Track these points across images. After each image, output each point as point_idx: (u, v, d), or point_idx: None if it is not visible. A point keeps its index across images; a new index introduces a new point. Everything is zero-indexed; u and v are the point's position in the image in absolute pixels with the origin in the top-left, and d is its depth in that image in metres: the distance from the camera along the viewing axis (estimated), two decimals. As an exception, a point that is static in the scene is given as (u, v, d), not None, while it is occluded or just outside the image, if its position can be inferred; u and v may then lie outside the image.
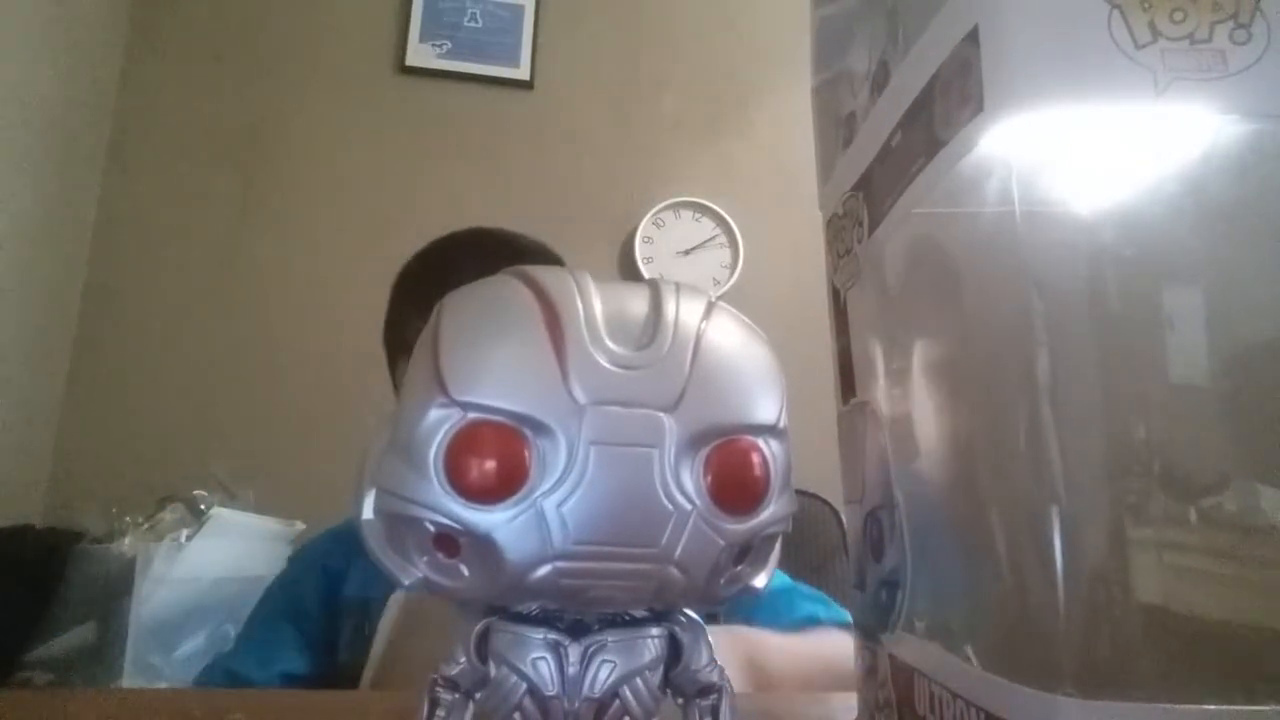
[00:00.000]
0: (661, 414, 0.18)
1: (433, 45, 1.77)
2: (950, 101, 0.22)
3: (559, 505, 0.17)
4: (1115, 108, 0.20)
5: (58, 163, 1.51)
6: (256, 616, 0.76)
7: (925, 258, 0.25)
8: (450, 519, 0.17)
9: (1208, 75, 0.19)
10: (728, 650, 0.21)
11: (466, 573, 0.18)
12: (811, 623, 0.67)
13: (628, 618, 0.20)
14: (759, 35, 1.83)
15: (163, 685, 1.04)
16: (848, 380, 0.31)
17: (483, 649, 0.20)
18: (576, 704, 0.19)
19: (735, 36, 1.86)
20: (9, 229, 1.37)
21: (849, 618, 0.68)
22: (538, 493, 0.17)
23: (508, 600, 0.20)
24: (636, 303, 0.19)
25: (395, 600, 0.58)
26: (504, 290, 0.19)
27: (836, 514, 0.97)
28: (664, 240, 1.74)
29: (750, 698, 0.52)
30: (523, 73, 1.78)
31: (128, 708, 0.39)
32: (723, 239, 1.75)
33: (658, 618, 0.20)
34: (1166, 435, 0.19)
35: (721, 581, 0.19)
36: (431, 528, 0.18)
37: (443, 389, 0.17)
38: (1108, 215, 0.20)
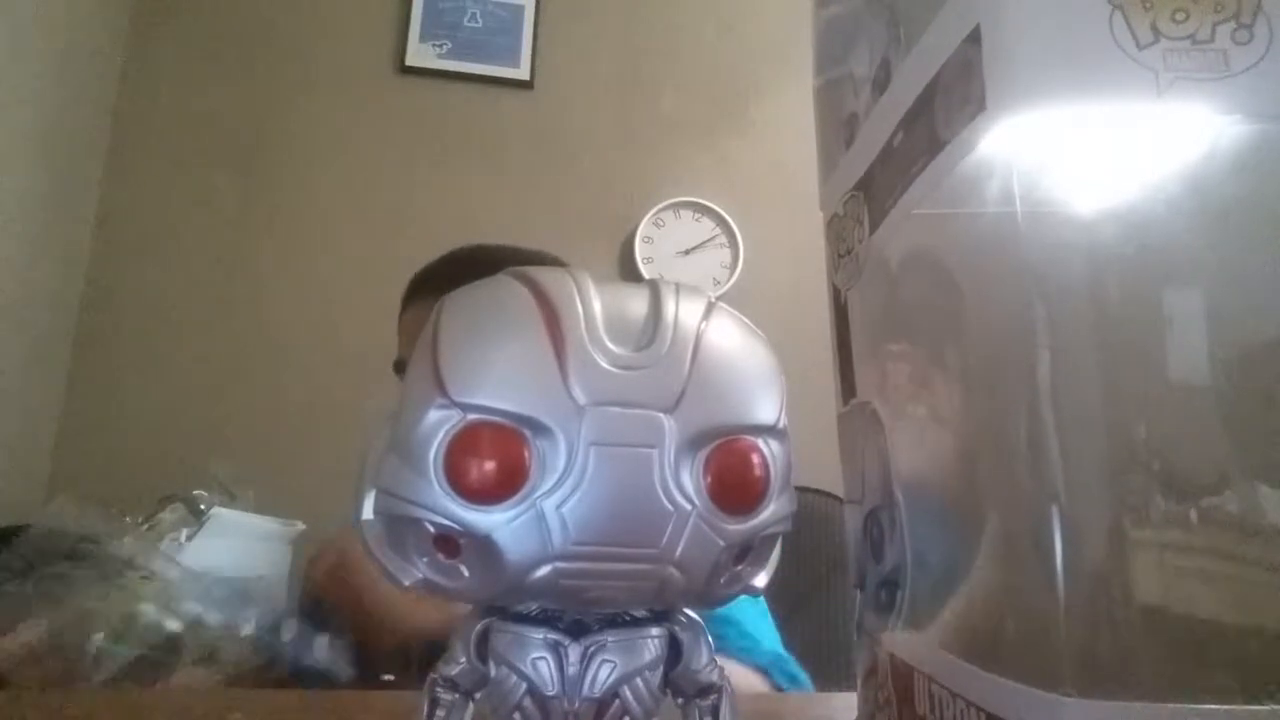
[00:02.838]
0: (661, 414, 0.18)
1: (433, 45, 1.77)
2: (952, 101, 0.22)
3: (559, 506, 0.17)
4: (1117, 108, 0.20)
5: (58, 163, 1.51)
6: None
7: (926, 257, 0.25)
8: (450, 520, 0.17)
9: (1209, 75, 0.19)
10: None
11: (466, 573, 0.18)
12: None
13: (628, 618, 0.20)
14: (759, 35, 1.83)
15: (162, 685, 1.04)
16: (848, 380, 0.31)
17: (483, 649, 0.20)
18: (576, 704, 0.19)
19: (735, 36, 1.86)
20: (9, 229, 1.37)
21: (783, 671, 0.66)
22: (537, 493, 0.17)
23: (508, 600, 0.20)
24: (636, 303, 0.19)
25: None
26: (504, 291, 0.19)
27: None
28: (664, 240, 1.74)
29: (750, 698, 0.51)
30: (523, 73, 1.78)
31: (128, 708, 0.39)
32: (723, 239, 1.75)
33: (658, 618, 0.20)
34: (1167, 435, 0.19)
35: (721, 581, 0.19)
36: (431, 528, 0.18)
37: (442, 390, 0.17)
38: (1109, 215, 0.20)
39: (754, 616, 0.71)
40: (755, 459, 0.19)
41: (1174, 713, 0.18)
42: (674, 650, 0.20)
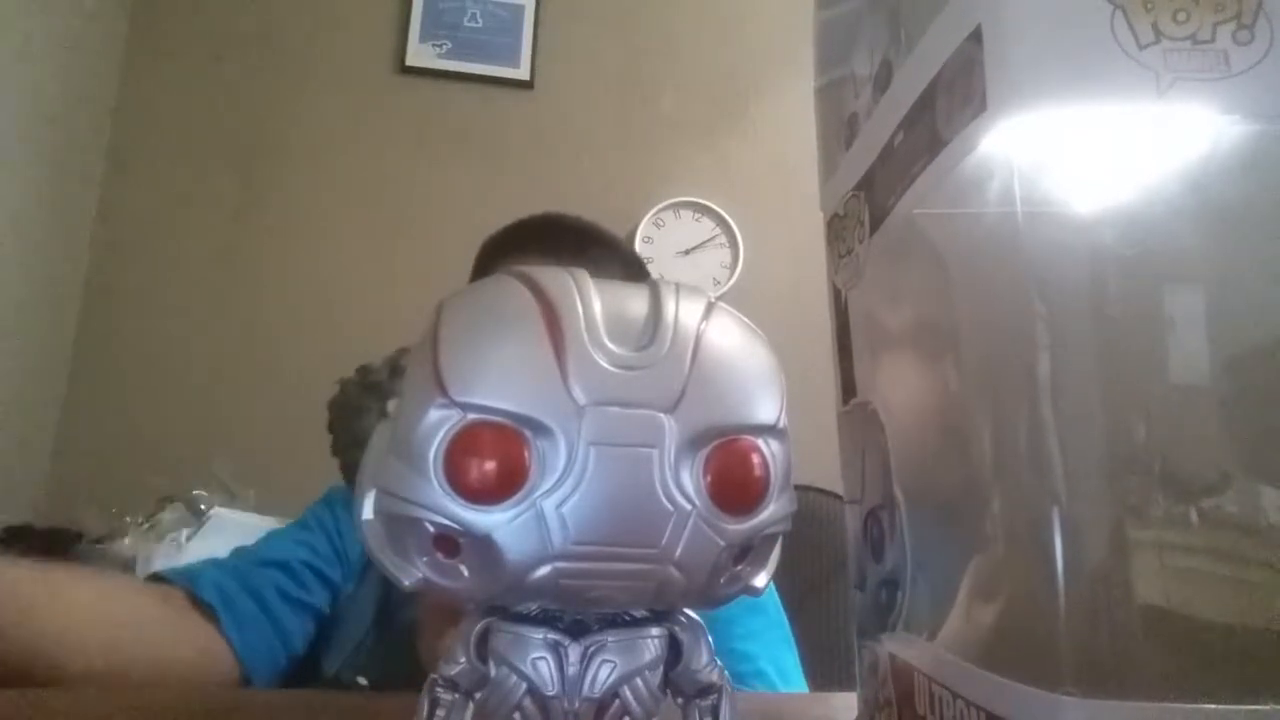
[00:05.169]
0: (661, 414, 0.18)
1: (433, 45, 1.77)
2: (953, 101, 0.22)
3: (559, 506, 0.17)
4: (1117, 108, 0.20)
5: (58, 162, 1.51)
6: (299, 523, 0.76)
7: (926, 258, 0.25)
8: (450, 520, 0.17)
9: (1210, 76, 0.19)
10: None
11: (466, 573, 0.18)
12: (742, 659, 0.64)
13: (628, 618, 0.20)
14: (759, 35, 1.83)
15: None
16: (848, 380, 0.31)
17: (483, 649, 0.20)
18: (576, 704, 0.19)
19: (735, 36, 1.86)
20: (9, 229, 1.37)
21: (777, 680, 0.64)
22: (537, 493, 0.17)
23: (508, 600, 0.20)
24: (636, 303, 0.19)
25: None
26: (503, 290, 0.19)
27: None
28: (664, 240, 1.74)
29: (750, 698, 0.51)
30: (523, 73, 1.78)
31: (127, 708, 0.39)
32: (723, 239, 1.75)
33: (658, 618, 0.20)
34: (1167, 436, 0.19)
35: (721, 581, 0.19)
36: (431, 528, 0.18)
37: (442, 390, 0.17)
38: (1109, 215, 0.20)
39: (772, 644, 0.68)
40: (755, 459, 0.19)
41: (1174, 713, 0.18)
42: (674, 650, 0.20)
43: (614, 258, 0.80)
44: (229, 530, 1.22)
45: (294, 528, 0.76)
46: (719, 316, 0.20)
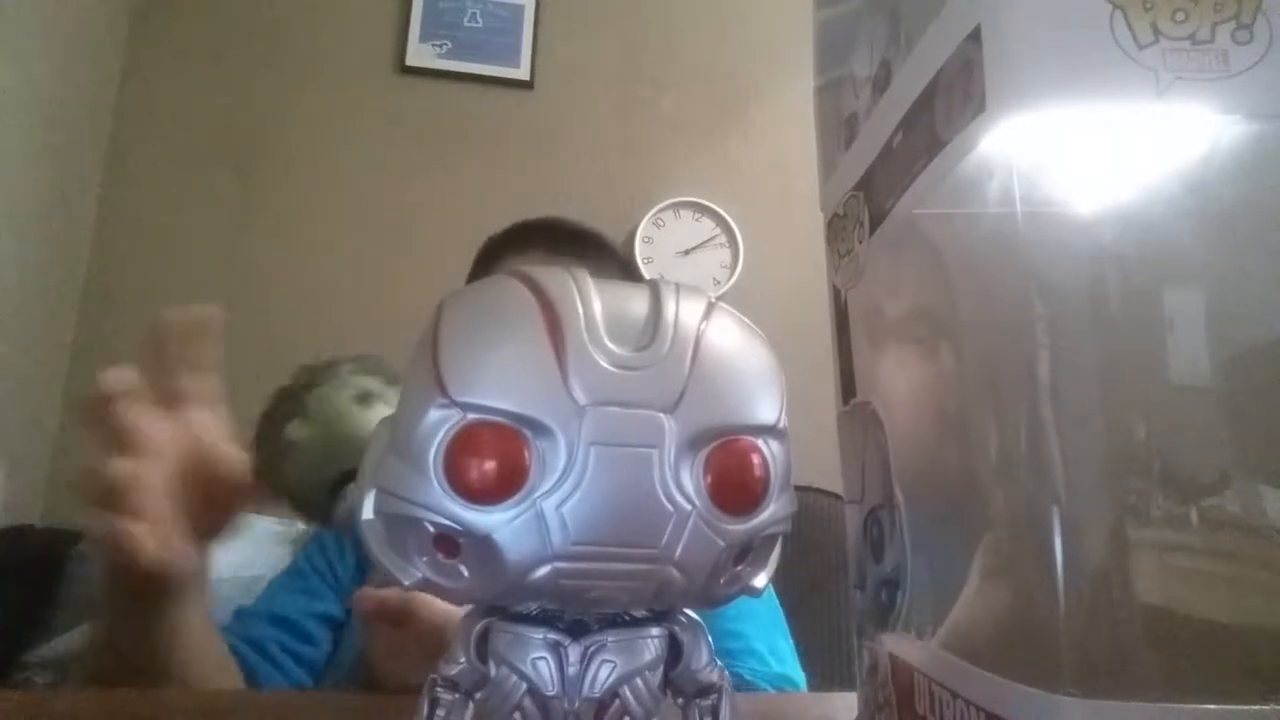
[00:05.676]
0: (661, 414, 0.18)
1: (433, 45, 1.77)
2: (952, 101, 0.22)
3: (559, 506, 0.17)
4: (1117, 108, 0.20)
5: (58, 162, 1.51)
6: (293, 569, 0.77)
7: (926, 258, 0.25)
8: (450, 520, 0.17)
9: (1209, 75, 0.19)
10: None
11: (466, 573, 0.18)
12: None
13: (628, 618, 0.20)
14: (759, 35, 1.83)
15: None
16: (848, 380, 0.31)
17: (483, 649, 0.20)
18: (576, 704, 0.19)
19: (735, 36, 1.86)
20: (9, 228, 1.37)
21: (775, 679, 0.64)
22: (537, 493, 0.17)
23: (508, 600, 0.20)
24: (636, 303, 0.19)
25: None
26: (503, 291, 0.19)
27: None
28: (664, 240, 1.74)
29: (750, 698, 0.51)
30: (523, 73, 1.78)
31: (128, 708, 0.39)
32: (723, 239, 1.75)
33: (658, 618, 0.20)
34: (1167, 436, 0.19)
35: (721, 582, 0.19)
36: (431, 528, 0.18)
37: (442, 389, 0.17)
38: (1109, 216, 0.20)
39: (766, 626, 0.69)
40: (755, 459, 0.19)
41: (1174, 713, 0.18)
42: (674, 650, 0.20)
43: (612, 261, 0.81)
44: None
45: (289, 576, 0.76)
46: (719, 316, 0.20)
